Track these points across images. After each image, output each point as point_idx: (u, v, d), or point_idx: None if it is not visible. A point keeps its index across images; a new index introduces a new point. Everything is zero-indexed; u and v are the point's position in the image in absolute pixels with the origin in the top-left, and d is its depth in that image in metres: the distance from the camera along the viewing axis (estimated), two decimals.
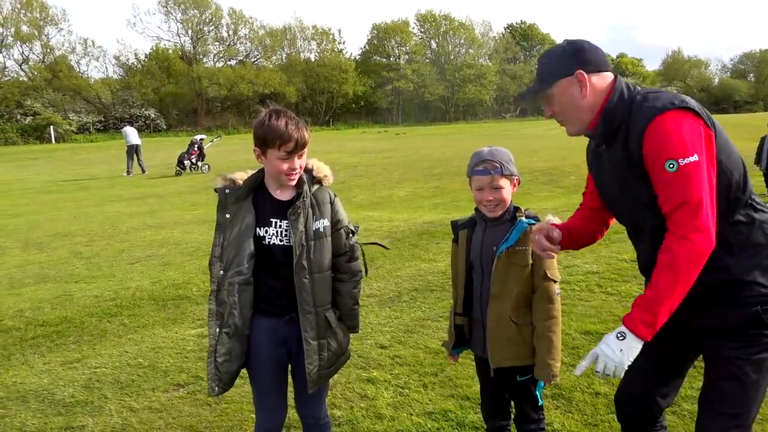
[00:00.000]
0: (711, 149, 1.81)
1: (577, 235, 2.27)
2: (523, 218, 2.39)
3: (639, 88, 1.97)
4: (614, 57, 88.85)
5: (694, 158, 1.76)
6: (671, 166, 1.77)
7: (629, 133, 1.87)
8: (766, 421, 3.06)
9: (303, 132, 2.28)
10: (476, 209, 2.49)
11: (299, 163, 2.31)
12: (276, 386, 2.48)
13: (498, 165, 2.35)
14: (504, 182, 2.37)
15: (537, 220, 2.40)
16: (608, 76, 1.97)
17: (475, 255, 2.44)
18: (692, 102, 1.84)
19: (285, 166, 2.28)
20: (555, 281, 2.36)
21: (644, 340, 1.82)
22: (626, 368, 1.84)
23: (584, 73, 1.93)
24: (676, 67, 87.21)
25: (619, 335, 1.84)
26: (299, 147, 2.27)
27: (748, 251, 1.89)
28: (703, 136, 1.80)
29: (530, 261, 2.34)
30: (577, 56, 1.96)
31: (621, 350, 1.82)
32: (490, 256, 2.37)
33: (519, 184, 2.47)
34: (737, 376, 1.89)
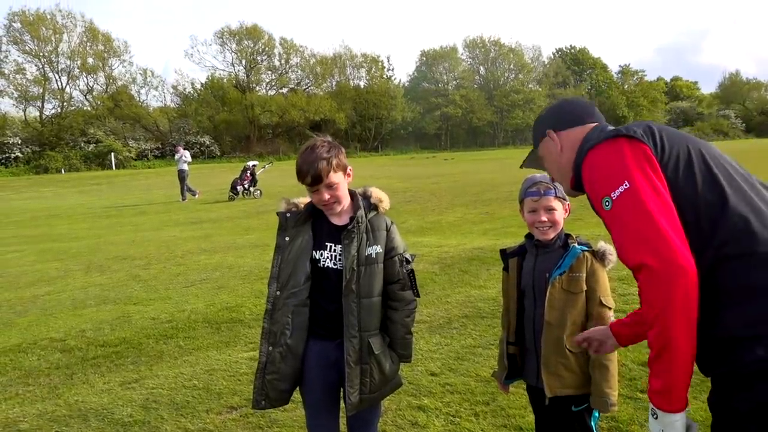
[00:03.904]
0: (654, 166, 1.56)
1: None
2: (576, 245, 2.37)
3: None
4: (668, 80, 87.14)
5: (624, 186, 1.52)
6: (607, 204, 1.56)
7: None
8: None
9: (319, 166, 2.30)
10: (526, 236, 2.49)
11: (328, 194, 2.35)
12: (326, 409, 2.50)
13: (551, 187, 2.36)
14: (557, 204, 2.37)
15: (589, 246, 2.38)
16: (586, 128, 1.83)
17: (527, 282, 2.43)
18: (632, 127, 1.64)
19: (315, 197, 2.37)
20: (610, 308, 2.32)
21: (673, 412, 1.49)
22: None
23: (553, 131, 1.88)
24: (734, 89, 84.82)
25: (652, 413, 1.54)
26: (315, 182, 2.31)
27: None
28: (637, 156, 1.56)
29: (584, 288, 2.31)
30: (550, 117, 1.94)
31: (662, 430, 1.52)
32: (542, 283, 2.35)
33: (570, 211, 2.45)
34: None
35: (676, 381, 1.48)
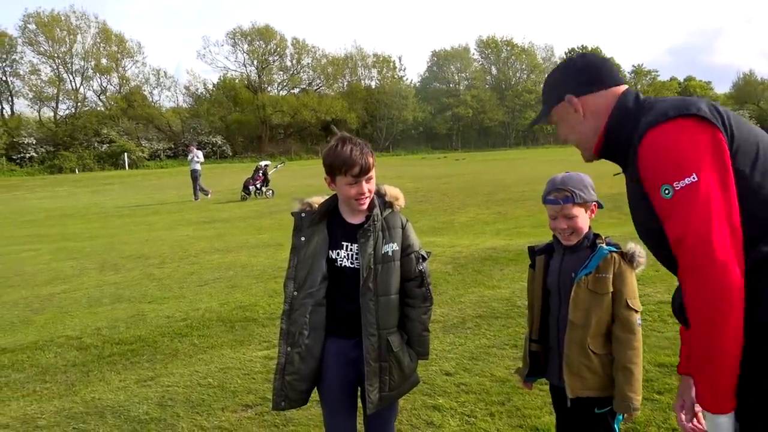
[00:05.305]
0: (726, 159, 1.49)
1: None
2: (604, 245, 2.33)
3: (652, 99, 1.69)
4: (681, 80, 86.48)
5: (692, 179, 1.46)
6: (666, 191, 1.50)
7: (629, 154, 1.63)
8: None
9: (367, 157, 2.33)
10: (554, 235, 2.46)
11: (367, 187, 2.36)
12: (344, 407, 2.50)
13: (569, 194, 2.30)
14: (577, 210, 2.32)
15: (618, 247, 2.33)
16: (612, 92, 1.74)
17: (553, 281, 2.40)
18: (700, 105, 1.54)
19: (353, 191, 2.34)
20: (636, 311, 2.27)
21: (719, 413, 1.50)
22: None
23: (574, 97, 1.77)
24: (748, 89, 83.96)
25: (704, 415, 1.57)
26: (364, 172, 2.32)
27: None
28: (710, 145, 1.48)
29: (611, 289, 2.27)
30: (569, 80, 1.81)
31: None
32: (568, 283, 2.32)
33: (600, 207, 2.41)
34: None
35: (723, 382, 1.48)
